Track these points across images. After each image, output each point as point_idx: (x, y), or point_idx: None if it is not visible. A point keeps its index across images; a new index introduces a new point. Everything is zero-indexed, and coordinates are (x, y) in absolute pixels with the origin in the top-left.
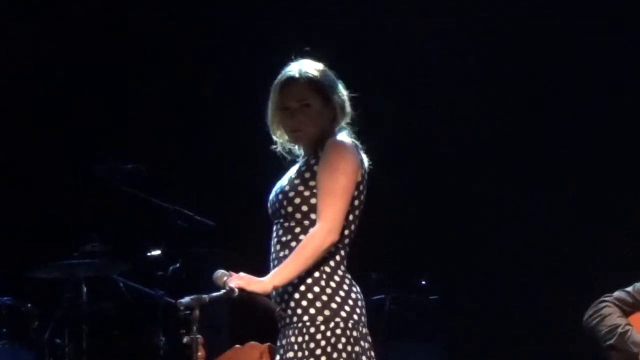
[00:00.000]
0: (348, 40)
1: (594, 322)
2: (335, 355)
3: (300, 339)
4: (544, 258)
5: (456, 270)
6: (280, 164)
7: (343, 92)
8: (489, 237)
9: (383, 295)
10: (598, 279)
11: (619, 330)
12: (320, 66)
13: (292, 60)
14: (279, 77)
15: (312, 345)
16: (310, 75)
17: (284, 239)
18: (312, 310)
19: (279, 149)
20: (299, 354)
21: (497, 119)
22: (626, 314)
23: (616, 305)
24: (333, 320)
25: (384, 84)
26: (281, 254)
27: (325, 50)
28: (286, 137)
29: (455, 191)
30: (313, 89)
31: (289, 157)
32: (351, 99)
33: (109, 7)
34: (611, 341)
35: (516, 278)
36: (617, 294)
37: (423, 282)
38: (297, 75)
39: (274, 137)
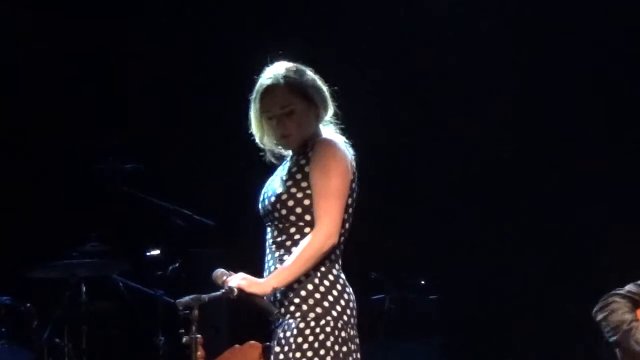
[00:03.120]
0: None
1: (601, 316)
2: (322, 352)
3: (288, 333)
4: (544, 258)
5: (456, 270)
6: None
7: (323, 88)
8: (488, 237)
9: (383, 295)
10: (601, 278)
11: (624, 327)
12: (296, 67)
13: (267, 65)
14: (258, 85)
15: (299, 339)
16: (290, 79)
17: (279, 239)
18: (304, 307)
19: (268, 155)
20: (285, 348)
21: (495, 122)
22: (637, 304)
23: (625, 298)
24: (324, 319)
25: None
26: (277, 254)
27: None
28: (275, 143)
29: (455, 191)
30: (294, 92)
31: (279, 163)
32: (333, 93)
33: (109, 6)
34: (616, 337)
35: (516, 278)
36: (628, 287)
37: (423, 282)
38: (276, 81)
39: (261, 146)
